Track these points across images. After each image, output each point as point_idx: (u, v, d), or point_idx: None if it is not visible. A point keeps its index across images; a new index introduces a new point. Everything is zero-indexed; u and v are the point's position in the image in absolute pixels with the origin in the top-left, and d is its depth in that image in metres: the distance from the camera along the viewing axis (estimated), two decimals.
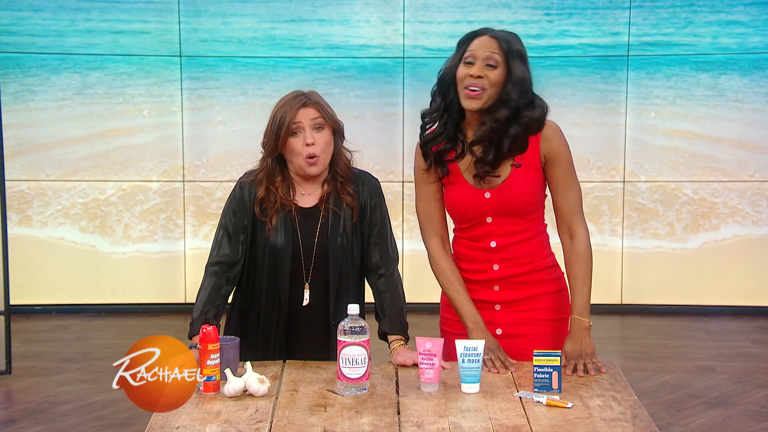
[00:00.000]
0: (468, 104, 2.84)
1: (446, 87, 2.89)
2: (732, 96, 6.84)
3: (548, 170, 2.91)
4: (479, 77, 2.81)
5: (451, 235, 3.06)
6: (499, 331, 2.97)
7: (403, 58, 6.81)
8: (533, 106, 2.87)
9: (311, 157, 2.95)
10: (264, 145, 3.02)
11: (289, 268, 3.00)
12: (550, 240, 3.02)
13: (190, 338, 2.95)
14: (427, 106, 2.96)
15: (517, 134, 2.85)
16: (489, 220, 2.92)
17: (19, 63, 6.80)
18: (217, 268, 3.03)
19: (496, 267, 2.94)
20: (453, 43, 2.94)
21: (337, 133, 3.01)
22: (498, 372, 2.79)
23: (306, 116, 2.95)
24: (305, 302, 3.02)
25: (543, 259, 2.97)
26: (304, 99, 2.97)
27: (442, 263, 2.99)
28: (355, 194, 3.04)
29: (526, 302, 2.96)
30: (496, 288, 2.96)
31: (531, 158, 2.90)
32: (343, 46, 6.87)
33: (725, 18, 6.80)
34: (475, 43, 2.84)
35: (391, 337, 3.02)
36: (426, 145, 2.95)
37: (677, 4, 6.81)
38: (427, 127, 2.97)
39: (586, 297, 2.91)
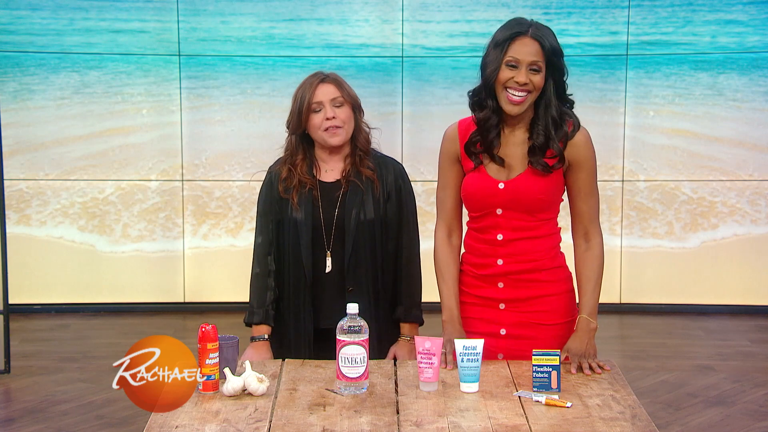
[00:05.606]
0: (510, 109, 2.84)
1: (489, 91, 2.85)
2: (731, 95, 6.84)
3: (571, 175, 2.91)
4: (525, 83, 2.81)
5: (465, 229, 3.06)
6: (503, 331, 2.95)
7: (402, 57, 6.80)
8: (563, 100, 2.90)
9: (332, 127, 3.13)
10: (288, 124, 3.22)
11: (310, 239, 3.17)
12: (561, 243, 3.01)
13: (248, 325, 3.24)
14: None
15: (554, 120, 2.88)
16: (499, 211, 2.92)
17: (17, 62, 6.80)
18: (260, 254, 3.25)
19: (500, 262, 2.94)
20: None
21: (357, 109, 3.22)
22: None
23: (326, 94, 3.15)
24: (327, 269, 3.17)
25: (550, 259, 2.94)
26: (322, 76, 3.18)
27: (440, 252, 3.02)
28: (379, 175, 3.19)
29: (532, 303, 2.94)
30: (501, 285, 2.95)
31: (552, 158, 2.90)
32: (342, 46, 6.86)
33: (724, 17, 6.80)
34: (517, 47, 2.80)
35: (403, 326, 3.23)
36: (472, 144, 2.92)
37: (676, 3, 6.81)
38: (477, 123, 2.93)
39: (596, 299, 2.92)
